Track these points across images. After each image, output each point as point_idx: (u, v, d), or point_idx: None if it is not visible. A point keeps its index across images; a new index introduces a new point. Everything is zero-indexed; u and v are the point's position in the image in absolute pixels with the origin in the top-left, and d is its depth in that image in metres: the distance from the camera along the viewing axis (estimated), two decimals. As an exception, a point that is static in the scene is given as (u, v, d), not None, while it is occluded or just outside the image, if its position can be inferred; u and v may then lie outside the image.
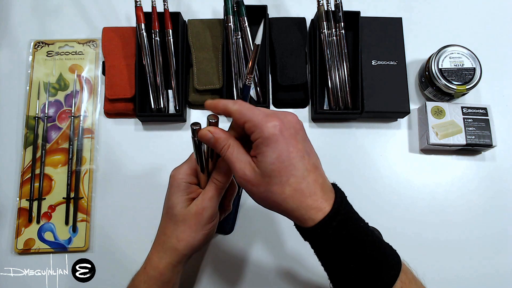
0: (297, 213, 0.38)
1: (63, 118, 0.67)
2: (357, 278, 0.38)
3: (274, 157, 0.37)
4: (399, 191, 0.66)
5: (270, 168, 0.38)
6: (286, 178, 0.38)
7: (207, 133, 0.41)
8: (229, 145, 0.40)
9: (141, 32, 0.64)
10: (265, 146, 0.38)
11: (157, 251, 0.49)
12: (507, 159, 0.67)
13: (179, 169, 0.48)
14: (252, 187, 0.39)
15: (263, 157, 0.38)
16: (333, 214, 0.38)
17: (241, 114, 0.39)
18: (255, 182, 0.39)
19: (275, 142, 0.37)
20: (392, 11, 0.72)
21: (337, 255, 0.39)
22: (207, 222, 0.47)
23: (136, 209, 0.64)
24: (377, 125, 0.69)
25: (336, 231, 0.38)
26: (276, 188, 0.38)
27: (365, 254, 0.38)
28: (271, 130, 0.37)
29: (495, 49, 0.72)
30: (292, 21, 0.69)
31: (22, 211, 0.63)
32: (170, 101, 0.68)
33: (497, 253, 0.63)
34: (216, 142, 0.41)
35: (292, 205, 0.38)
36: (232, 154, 0.40)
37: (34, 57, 0.70)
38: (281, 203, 0.38)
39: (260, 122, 0.38)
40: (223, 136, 0.41)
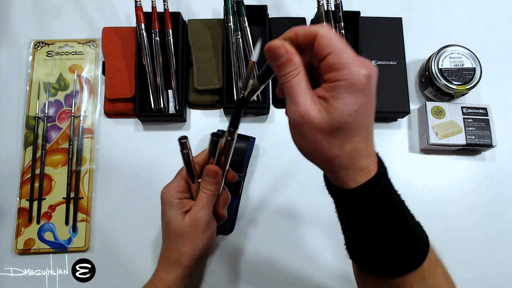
0: (344, 172, 0.34)
1: (63, 118, 0.67)
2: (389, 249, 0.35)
3: (353, 109, 0.32)
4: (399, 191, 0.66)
5: (344, 120, 0.32)
6: (352, 135, 0.33)
7: (280, 45, 0.33)
8: (298, 72, 0.33)
9: (141, 32, 0.64)
10: (348, 93, 0.32)
11: (163, 267, 0.49)
12: (507, 159, 0.67)
13: (169, 187, 0.48)
14: (310, 131, 0.33)
15: (340, 103, 0.32)
16: (379, 178, 0.35)
17: (329, 41, 0.32)
18: (318, 126, 0.32)
19: (362, 92, 0.32)
20: (392, 11, 0.72)
21: (374, 221, 0.35)
22: (203, 231, 0.47)
23: (136, 209, 0.64)
24: (377, 125, 0.69)
25: (379, 196, 0.35)
26: (338, 142, 0.33)
27: (402, 226, 0.36)
28: (361, 78, 0.32)
29: (495, 49, 0.72)
30: (292, 21, 0.69)
31: (22, 211, 0.63)
32: (170, 101, 0.68)
33: (497, 253, 0.63)
34: (288, 62, 0.33)
35: (344, 163, 0.34)
36: (299, 83, 0.33)
37: (34, 57, 0.70)
38: (334, 158, 0.34)
39: (351, 62, 0.32)
40: (298, 58, 0.33)
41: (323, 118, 0.32)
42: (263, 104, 0.67)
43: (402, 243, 0.35)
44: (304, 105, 0.33)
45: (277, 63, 0.34)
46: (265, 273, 0.62)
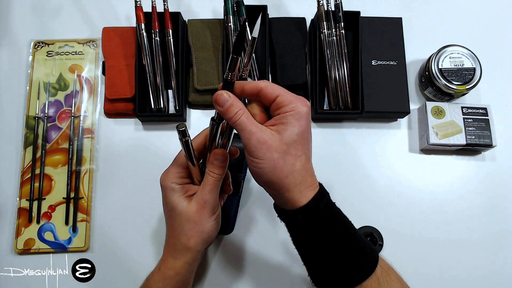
0: (297, 188, 0.40)
1: (63, 118, 0.67)
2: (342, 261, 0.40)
3: (300, 130, 0.40)
4: (399, 191, 0.66)
5: (294, 139, 0.39)
6: (300, 153, 0.40)
7: (225, 95, 0.40)
8: (244, 110, 0.40)
9: (141, 32, 0.64)
10: (295, 119, 0.39)
11: (170, 254, 0.49)
12: (507, 159, 0.67)
13: (168, 174, 0.48)
14: (267, 151, 0.39)
15: (290, 126, 0.39)
16: (322, 193, 0.42)
17: (273, 89, 0.41)
18: (273, 145, 0.39)
19: (305, 119, 0.40)
20: (392, 11, 0.72)
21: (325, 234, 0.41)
22: (211, 214, 0.48)
23: (136, 209, 0.64)
24: (377, 125, 0.69)
25: (326, 208, 0.41)
26: (290, 159, 0.40)
27: (351, 235, 0.42)
28: (304, 109, 0.40)
29: (495, 49, 0.72)
30: (292, 21, 0.69)
31: (22, 211, 0.63)
32: (170, 101, 0.68)
33: (497, 253, 0.63)
34: (231, 106, 0.40)
35: (297, 179, 0.40)
36: (248, 118, 0.40)
37: (34, 57, 0.70)
38: (288, 175, 0.40)
39: (294, 99, 0.40)
40: (239, 102, 0.41)
41: (276, 138, 0.39)
42: (263, 104, 0.67)
43: (352, 251, 0.41)
44: (258, 131, 0.39)
45: (224, 107, 0.40)
46: (265, 273, 0.62)
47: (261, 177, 0.41)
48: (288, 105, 0.40)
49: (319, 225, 0.41)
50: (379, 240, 0.62)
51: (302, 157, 0.40)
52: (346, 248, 0.41)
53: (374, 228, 0.63)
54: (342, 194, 0.65)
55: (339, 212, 0.43)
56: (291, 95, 0.41)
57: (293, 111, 0.40)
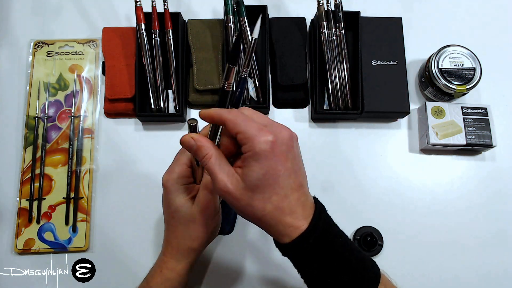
0: (275, 229, 0.39)
1: (63, 118, 0.67)
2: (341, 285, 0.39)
3: (261, 173, 0.37)
4: (399, 191, 0.66)
5: (255, 184, 0.37)
6: (268, 195, 0.38)
7: (189, 139, 0.40)
8: (211, 155, 0.39)
9: (141, 32, 0.64)
10: (254, 161, 0.37)
11: (172, 255, 0.49)
12: (507, 159, 0.67)
13: (171, 173, 0.47)
14: (233, 200, 0.38)
15: (250, 171, 0.37)
16: (310, 230, 0.38)
17: (235, 124, 0.38)
18: (236, 195, 0.38)
19: (265, 158, 0.37)
20: (392, 11, 0.72)
21: (314, 269, 0.39)
22: (214, 214, 0.48)
23: (136, 209, 0.64)
24: (377, 125, 0.69)
25: (313, 247, 0.38)
26: (258, 204, 0.38)
27: (343, 268, 0.39)
28: (262, 146, 0.37)
29: (495, 49, 0.72)
30: (292, 21, 0.69)
31: (22, 211, 0.63)
32: (170, 101, 0.68)
33: (497, 253, 0.63)
34: (198, 150, 0.40)
35: (271, 222, 0.38)
36: (214, 164, 0.39)
37: (34, 57, 0.70)
38: (261, 218, 0.39)
39: (253, 135, 0.37)
40: (206, 144, 0.40)
41: (239, 187, 0.38)
42: (263, 104, 0.67)
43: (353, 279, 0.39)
44: (222, 181, 0.38)
45: (192, 152, 0.41)
46: (265, 273, 0.62)
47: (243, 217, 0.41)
48: (246, 144, 0.37)
49: (306, 262, 0.39)
50: (379, 240, 0.62)
51: (272, 198, 0.37)
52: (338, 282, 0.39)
53: (374, 228, 0.63)
54: (342, 194, 0.66)
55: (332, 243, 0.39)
56: (253, 130, 0.37)
57: (250, 152, 0.37)
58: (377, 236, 0.62)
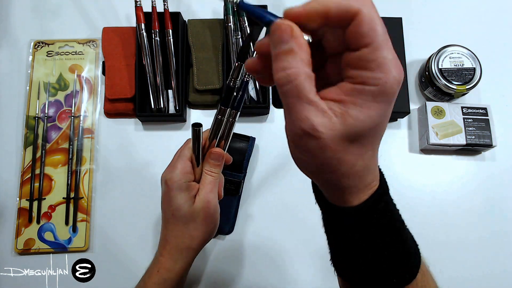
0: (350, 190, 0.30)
1: (63, 118, 0.67)
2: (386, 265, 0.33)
3: (376, 122, 0.26)
4: (399, 191, 0.65)
5: (363, 134, 0.27)
6: (366, 149, 0.28)
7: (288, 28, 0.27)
8: (305, 71, 0.26)
9: (141, 32, 0.64)
10: (375, 102, 0.26)
11: (170, 255, 0.48)
12: (507, 159, 0.67)
13: (174, 171, 0.46)
14: (317, 149, 0.26)
15: (363, 113, 0.26)
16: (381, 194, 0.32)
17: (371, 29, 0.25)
18: (327, 141, 0.26)
19: (389, 102, 0.27)
20: (392, 11, 0.72)
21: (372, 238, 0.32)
22: (214, 213, 0.48)
23: (136, 209, 0.64)
24: (377, 125, 0.69)
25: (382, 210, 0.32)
26: (350, 158, 0.27)
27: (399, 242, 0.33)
28: (394, 85, 0.26)
29: (495, 49, 0.72)
30: (292, 21, 0.69)
31: (22, 211, 0.63)
32: (170, 101, 0.68)
33: (497, 253, 0.63)
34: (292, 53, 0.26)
35: (352, 182, 0.29)
36: (304, 88, 0.26)
37: (34, 57, 0.70)
38: (342, 177, 0.28)
39: (390, 63, 0.26)
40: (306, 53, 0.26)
41: (336, 132, 0.26)
42: (263, 104, 0.67)
43: (399, 258, 0.34)
44: (309, 118, 0.25)
45: (278, 50, 0.26)
46: (265, 273, 0.62)
47: (303, 170, 0.31)
48: (374, 72, 0.25)
49: (369, 229, 0.32)
50: (379, 240, 0.62)
51: (367, 153, 0.28)
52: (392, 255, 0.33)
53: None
54: (342, 194, 0.66)
55: (395, 213, 0.34)
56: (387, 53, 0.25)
57: (378, 86, 0.25)
58: (377, 236, 0.62)
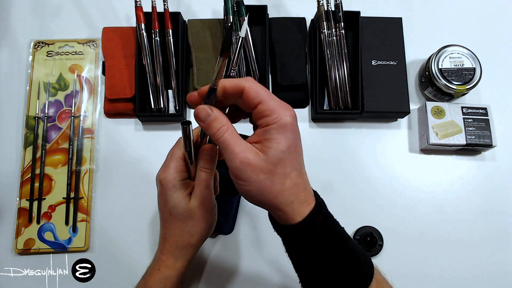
0: (290, 207, 0.37)
1: (63, 118, 0.67)
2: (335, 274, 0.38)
3: (286, 146, 0.36)
4: (399, 191, 0.66)
5: (279, 157, 0.36)
6: (289, 170, 0.37)
7: (207, 109, 0.38)
8: (227, 128, 0.37)
9: (141, 32, 0.64)
10: (279, 133, 0.36)
11: (170, 253, 0.48)
12: (507, 159, 0.67)
13: (167, 170, 0.47)
14: (252, 174, 0.36)
15: (274, 143, 0.36)
16: (319, 208, 0.38)
17: (257, 93, 0.36)
18: (258, 166, 0.36)
19: (290, 131, 0.36)
20: (392, 11, 0.72)
21: (319, 249, 0.38)
22: (211, 209, 0.47)
23: (136, 209, 0.64)
24: (377, 125, 0.69)
25: (322, 224, 0.38)
26: (278, 178, 0.36)
27: (347, 249, 0.39)
28: (288, 118, 0.36)
29: (495, 49, 0.72)
30: (292, 21, 0.69)
31: (22, 211, 0.63)
32: (170, 101, 0.68)
33: (497, 253, 0.63)
34: (215, 121, 0.37)
35: (288, 198, 0.37)
36: (231, 136, 0.37)
37: (34, 57, 0.70)
38: (278, 195, 0.37)
39: (278, 108, 0.36)
40: (223, 116, 0.38)
41: (261, 158, 0.36)
42: (263, 104, 0.67)
43: (348, 267, 0.38)
44: (242, 152, 0.36)
45: (205, 123, 0.38)
46: (265, 273, 0.62)
47: (249, 198, 0.39)
48: (270, 116, 0.36)
49: (314, 243, 0.38)
50: (379, 240, 0.62)
51: (292, 173, 0.37)
52: (341, 266, 0.38)
53: (374, 228, 0.63)
54: (342, 194, 0.66)
55: (336, 226, 0.40)
56: (275, 102, 0.37)
57: (276, 124, 0.36)
58: (377, 236, 0.62)
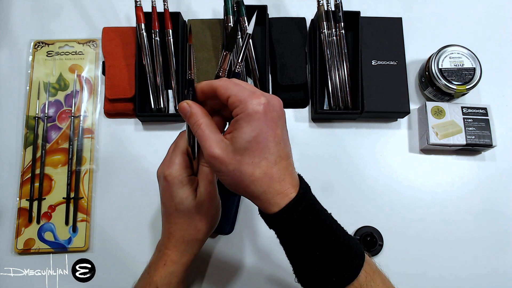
0: (263, 197, 0.38)
1: (63, 118, 0.67)
2: (322, 266, 0.38)
3: (251, 135, 0.37)
4: (399, 191, 0.66)
5: (245, 146, 0.37)
6: (258, 160, 0.37)
7: (185, 105, 0.41)
8: (201, 123, 0.39)
9: (141, 32, 0.64)
10: (245, 122, 0.37)
11: (177, 247, 0.48)
12: (507, 159, 0.67)
13: (172, 166, 0.46)
14: (221, 166, 0.38)
15: (240, 133, 0.37)
16: (299, 199, 0.38)
17: (226, 89, 0.38)
18: (225, 159, 0.37)
19: (257, 120, 0.37)
20: (392, 11, 0.72)
21: (302, 241, 0.38)
22: (216, 204, 0.48)
23: (136, 209, 0.64)
24: (377, 125, 0.69)
25: (301, 216, 0.38)
26: (246, 168, 0.37)
27: (330, 241, 0.38)
28: (255, 107, 0.37)
29: (495, 49, 0.72)
30: (292, 21, 0.69)
31: (22, 211, 0.63)
32: (170, 101, 0.68)
33: (497, 253, 0.63)
34: (191, 117, 0.40)
35: (259, 189, 0.38)
36: (203, 131, 0.39)
37: (34, 57, 0.70)
38: (249, 185, 0.38)
39: (245, 97, 0.37)
40: (199, 112, 0.40)
41: (228, 151, 0.37)
42: (263, 104, 0.67)
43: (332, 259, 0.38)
44: (210, 146, 0.38)
45: (186, 118, 0.41)
46: (265, 273, 0.62)
47: (228, 187, 0.40)
48: (238, 106, 0.37)
49: (294, 233, 0.38)
50: (379, 240, 0.62)
51: (261, 163, 0.37)
52: (324, 254, 0.38)
53: (374, 228, 0.63)
54: (342, 194, 0.66)
55: (320, 218, 0.39)
56: (243, 93, 0.37)
57: (243, 113, 0.37)
58: (377, 236, 0.62)
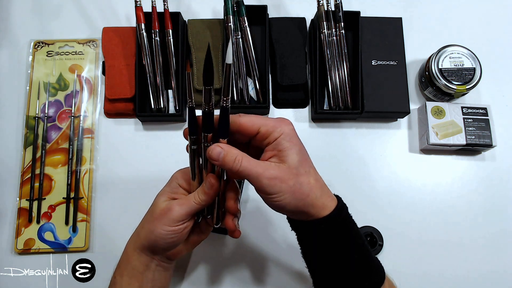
0: (319, 202, 0.41)
1: (63, 118, 0.67)
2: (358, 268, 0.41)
3: (297, 149, 0.40)
4: (399, 191, 0.66)
5: (297, 159, 0.40)
6: (308, 169, 0.41)
7: (216, 148, 0.40)
8: (241, 157, 0.40)
9: (141, 32, 0.64)
10: (287, 142, 0.40)
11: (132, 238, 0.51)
12: (507, 159, 0.67)
13: (182, 170, 0.49)
14: (282, 184, 0.39)
15: (288, 151, 0.40)
16: (341, 201, 0.43)
17: (252, 122, 0.41)
18: (285, 176, 0.39)
19: (294, 137, 0.41)
20: (392, 11, 0.72)
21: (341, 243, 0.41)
22: (169, 224, 0.46)
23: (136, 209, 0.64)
24: (377, 125, 0.69)
25: (347, 217, 0.43)
26: (304, 179, 0.40)
27: (364, 244, 0.42)
28: (289, 127, 0.41)
29: (495, 49, 0.72)
30: (292, 21, 0.69)
31: (22, 211, 0.63)
32: (170, 101, 0.68)
33: (497, 253, 0.63)
34: (227, 156, 0.40)
35: (317, 194, 0.41)
36: (249, 162, 0.40)
37: (34, 57, 0.70)
38: (309, 194, 0.40)
39: (276, 123, 0.41)
40: (232, 150, 0.40)
41: (283, 168, 0.39)
42: (263, 104, 0.67)
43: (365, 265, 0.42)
44: (265, 170, 0.39)
45: (220, 160, 0.40)
46: (265, 273, 0.62)
47: (285, 208, 0.41)
48: (275, 131, 0.40)
49: (338, 235, 0.41)
50: (379, 240, 0.62)
51: (311, 171, 0.41)
52: (357, 261, 0.41)
53: (374, 228, 0.63)
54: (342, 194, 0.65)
55: (354, 223, 0.44)
56: (271, 120, 0.41)
57: (283, 134, 0.40)
58: (377, 236, 0.62)
